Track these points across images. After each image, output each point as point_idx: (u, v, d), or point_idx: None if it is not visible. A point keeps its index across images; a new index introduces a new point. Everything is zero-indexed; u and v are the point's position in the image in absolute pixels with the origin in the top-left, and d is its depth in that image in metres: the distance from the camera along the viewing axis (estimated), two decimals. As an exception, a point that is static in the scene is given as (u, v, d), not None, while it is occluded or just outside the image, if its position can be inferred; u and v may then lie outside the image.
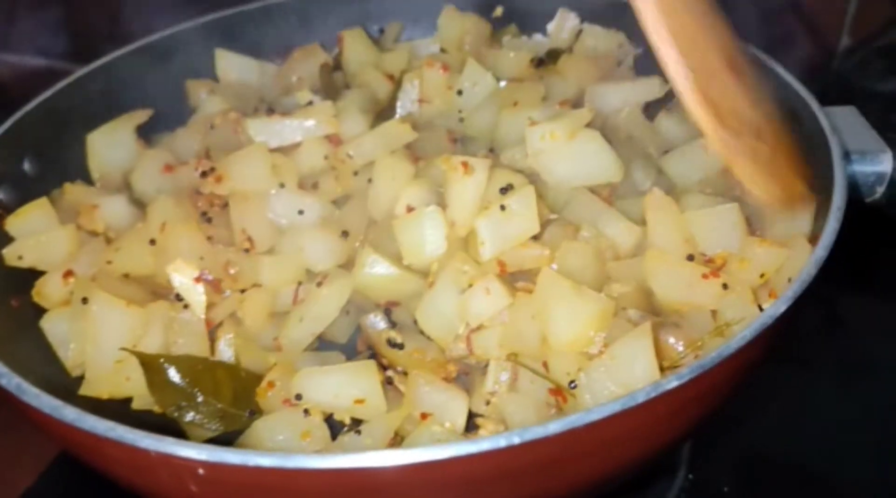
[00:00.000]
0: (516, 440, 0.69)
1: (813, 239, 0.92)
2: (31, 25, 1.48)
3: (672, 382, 0.73)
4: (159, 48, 1.35)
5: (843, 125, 1.10)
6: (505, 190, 1.02)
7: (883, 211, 1.12)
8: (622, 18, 1.33)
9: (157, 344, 1.00)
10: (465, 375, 1.01)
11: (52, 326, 1.03)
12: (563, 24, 1.42)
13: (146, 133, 1.28)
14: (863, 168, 1.07)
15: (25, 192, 1.15)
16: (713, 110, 0.84)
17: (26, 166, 1.18)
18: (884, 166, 1.07)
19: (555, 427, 0.69)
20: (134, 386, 0.97)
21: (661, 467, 1.07)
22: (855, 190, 1.07)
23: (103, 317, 0.99)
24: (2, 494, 1.11)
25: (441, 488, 0.72)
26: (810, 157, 1.03)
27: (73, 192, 1.19)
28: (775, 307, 0.80)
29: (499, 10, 1.47)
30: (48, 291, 1.06)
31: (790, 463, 1.08)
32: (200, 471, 0.71)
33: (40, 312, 1.05)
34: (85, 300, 1.00)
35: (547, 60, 1.34)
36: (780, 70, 1.15)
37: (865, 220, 1.07)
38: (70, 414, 0.74)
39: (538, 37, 1.44)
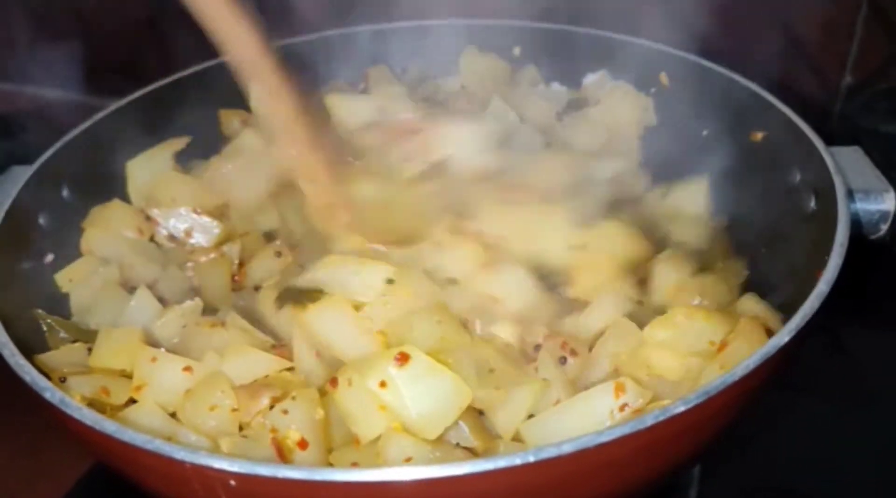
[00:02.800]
0: (531, 459, 0.73)
1: (817, 272, 0.95)
2: (51, 58, 1.53)
3: (679, 407, 0.77)
4: (196, 80, 1.41)
5: (848, 165, 1.13)
6: None
7: (888, 248, 1.16)
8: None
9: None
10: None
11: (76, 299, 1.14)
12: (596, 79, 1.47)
13: (183, 160, 1.33)
14: (867, 206, 1.10)
15: (64, 218, 1.20)
16: None
17: (65, 193, 1.23)
18: (887, 205, 1.10)
19: (568, 447, 0.73)
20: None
21: (672, 491, 1.10)
22: (859, 227, 1.11)
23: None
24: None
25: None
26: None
27: None
28: (779, 338, 0.84)
29: (517, 50, 1.53)
30: (78, 277, 1.15)
31: (797, 491, 1.11)
32: (232, 482, 0.75)
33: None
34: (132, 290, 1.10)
35: (567, 111, 1.41)
36: (786, 110, 1.20)
37: (871, 254, 1.12)
38: (110, 426, 0.78)
39: (555, 85, 1.50)
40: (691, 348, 0.95)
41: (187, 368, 0.97)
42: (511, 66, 1.52)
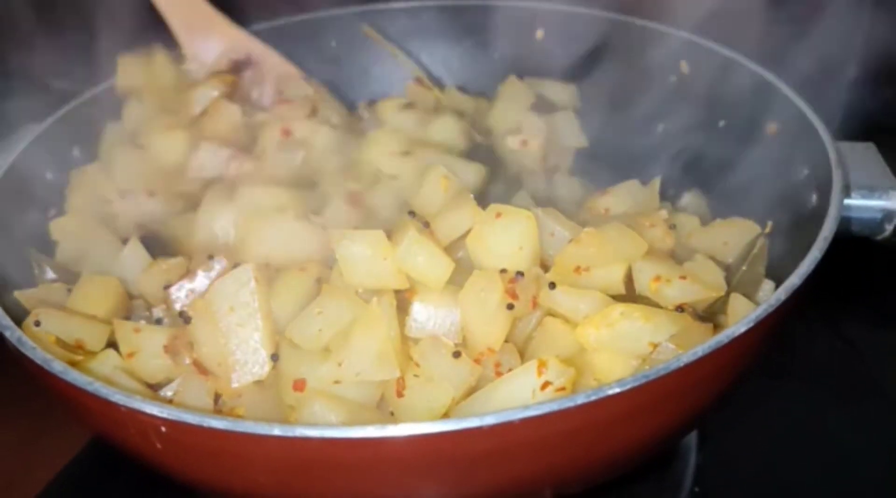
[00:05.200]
0: (453, 427, 0.73)
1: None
2: (52, 51, 1.57)
3: (614, 388, 0.75)
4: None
5: (857, 161, 1.09)
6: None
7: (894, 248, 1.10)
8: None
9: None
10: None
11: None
12: None
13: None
14: (870, 203, 1.05)
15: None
16: None
17: (76, 152, 1.27)
18: (892, 203, 1.05)
19: (490, 419, 0.73)
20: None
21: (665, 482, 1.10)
22: (860, 224, 1.06)
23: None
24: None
25: (370, 466, 0.76)
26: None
27: None
28: (735, 328, 0.81)
29: (539, 33, 1.51)
30: (70, 229, 1.16)
31: (799, 481, 1.09)
32: (163, 428, 0.77)
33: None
34: (125, 241, 1.11)
35: None
36: (799, 102, 1.15)
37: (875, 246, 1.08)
38: (57, 367, 0.81)
39: None
40: (630, 350, 0.87)
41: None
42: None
